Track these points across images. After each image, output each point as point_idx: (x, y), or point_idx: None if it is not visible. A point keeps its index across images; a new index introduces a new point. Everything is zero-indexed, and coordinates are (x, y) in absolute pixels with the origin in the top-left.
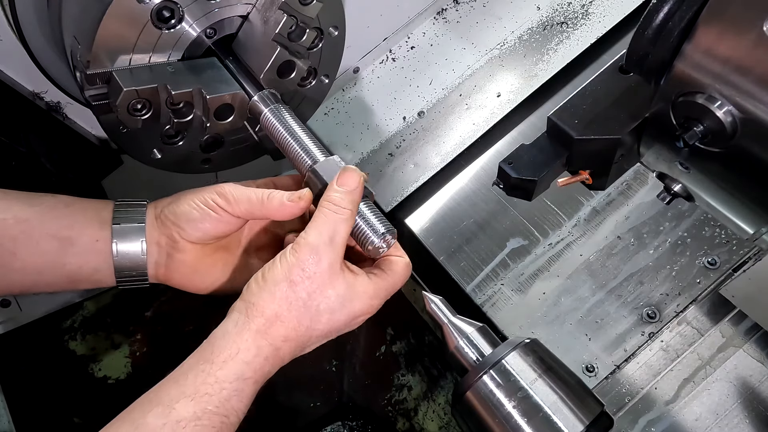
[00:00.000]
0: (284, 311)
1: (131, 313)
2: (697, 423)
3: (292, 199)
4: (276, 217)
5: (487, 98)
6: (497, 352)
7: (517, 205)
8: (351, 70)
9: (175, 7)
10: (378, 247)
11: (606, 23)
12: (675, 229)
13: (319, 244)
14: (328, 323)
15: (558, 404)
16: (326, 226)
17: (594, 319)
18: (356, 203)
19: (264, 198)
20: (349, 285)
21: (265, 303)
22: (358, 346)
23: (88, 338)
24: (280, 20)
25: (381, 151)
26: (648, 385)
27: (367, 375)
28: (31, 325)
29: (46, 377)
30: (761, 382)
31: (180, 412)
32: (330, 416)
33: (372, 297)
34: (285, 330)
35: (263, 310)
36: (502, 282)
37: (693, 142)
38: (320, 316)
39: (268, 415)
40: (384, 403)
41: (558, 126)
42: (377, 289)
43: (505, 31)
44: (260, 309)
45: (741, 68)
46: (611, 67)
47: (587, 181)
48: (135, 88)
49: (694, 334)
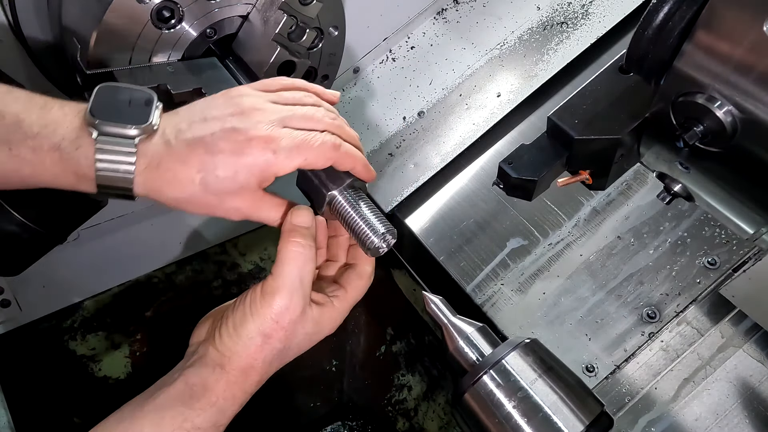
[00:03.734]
0: (258, 364)
1: (131, 313)
2: (697, 423)
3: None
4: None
5: (487, 98)
6: (497, 353)
7: (517, 205)
8: (351, 70)
9: (175, 7)
10: (378, 247)
11: (606, 23)
12: (675, 229)
13: (291, 289)
14: (296, 355)
15: (558, 404)
16: (296, 266)
17: (594, 319)
18: (314, 237)
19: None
20: (317, 320)
21: (239, 359)
22: (358, 346)
23: (88, 338)
24: (280, 20)
25: (381, 151)
26: (648, 385)
27: (367, 375)
28: (31, 325)
29: (46, 377)
30: (761, 382)
31: None
32: (330, 416)
33: (336, 319)
34: (258, 377)
35: (238, 363)
36: (502, 282)
37: (693, 142)
38: (290, 353)
39: (268, 415)
40: (384, 403)
41: (558, 126)
42: (341, 311)
43: (505, 31)
44: (235, 363)
45: (741, 68)
46: (611, 67)
47: (587, 181)
48: None
49: (694, 334)
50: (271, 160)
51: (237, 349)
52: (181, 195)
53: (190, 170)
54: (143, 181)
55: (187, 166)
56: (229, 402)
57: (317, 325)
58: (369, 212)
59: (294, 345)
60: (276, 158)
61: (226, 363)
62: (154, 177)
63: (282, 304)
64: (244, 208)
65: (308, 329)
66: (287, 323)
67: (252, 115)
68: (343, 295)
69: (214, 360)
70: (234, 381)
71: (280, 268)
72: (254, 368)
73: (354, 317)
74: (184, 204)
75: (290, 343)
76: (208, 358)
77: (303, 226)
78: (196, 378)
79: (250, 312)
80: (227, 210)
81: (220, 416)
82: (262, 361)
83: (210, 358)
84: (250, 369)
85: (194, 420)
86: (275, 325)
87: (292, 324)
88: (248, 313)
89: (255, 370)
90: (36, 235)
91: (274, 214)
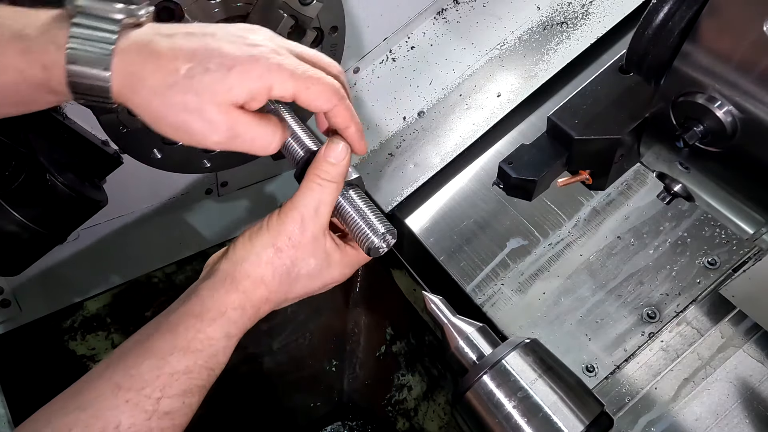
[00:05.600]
0: (268, 276)
1: (131, 313)
2: (697, 423)
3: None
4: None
5: (487, 98)
6: (497, 352)
7: (517, 205)
8: (351, 70)
9: (175, 7)
10: (378, 247)
11: (606, 23)
12: (675, 229)
13: (305, 214)
14: (304, 288)
15: (558, 404)
16: (312, 197)
17: (594, 319)
18: (342, 175)
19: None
20: (328, 254)
21: (251, 266)
22: (358, 346)
23: (88, 338)
24: (280, 20)
25: (381, 151)
26: (648, 385)
27: (367, 375)
28: (31, 325)
29: (46, 377)
30: (761, 382)
31: (173, 365)
32: (330, 416)
33: (345, 266)
34: (267, 292)
35: (249, 272)
36: (502, 282)
37: (693, 142)
38: (299, 281)
39: (269, 415)
40: (384, 403)
41: (558, 126)
42: (351, 260)
43: (505, 31)
44: (246, 272)
45: (741, 68)
46: (611, 67)
47: (587, 181)
48: None
49: (694, 334)
50: (273, 68)
51: (249, 257)
52: (160, 82)
53: (177, 60)
54: (120, 66)
55: (176, 53)
56: (239, 313)
57: (328, 259)
58: (369, 212)
59: (303, 271)
60: (279, 70)
61: (237, 272)
62: (133, 59)
63: (295, 223)
64: (228, 120)
65: (319, 259)
66: (298, 242)
67: (263, 32)
68: (357, 248)
69: (226, 270)
70: (243, 291)
71: (299, 195)
72: (263, 281)
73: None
74: (157, 103)
75: (300, 265)
76: (220, 271)
77: (333, 162)
78: (207, 291)
79: (266, 227)
80: (207, 121)
81: (231, 327)
82: (272, 275)
83: (222, 270)
84: (259, 281)
85: (206, 330)
86: (288, 241)
87: (303, 245)
88: (264, 227)
89: (264, 283)
90: (36, 235)
91: (267, 135)
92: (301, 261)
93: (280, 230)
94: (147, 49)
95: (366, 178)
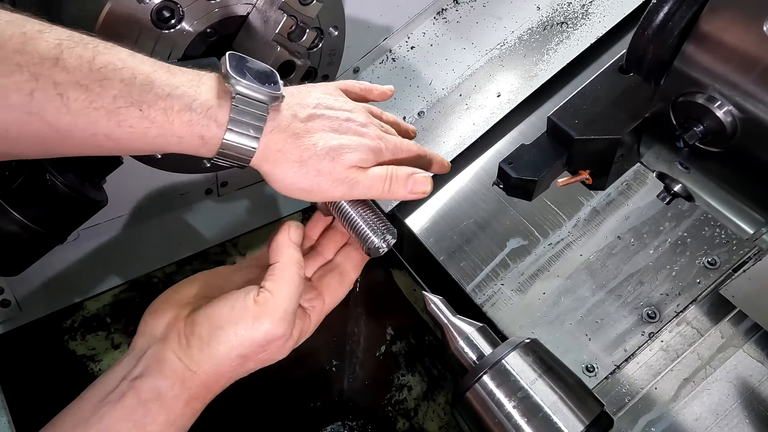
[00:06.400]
0: (224, 380)
1: (131, 313)
2: (697, 423)
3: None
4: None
5: (487, 98)
6: (497, 352)
7: (517, 205)
8: (351, 70)
9: (175, 6)
10: (378, 247)
11: (606, 23)
12: (675, 229)
13: (287, 317)
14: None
15: (558, 404)
16: (294, 290)
17: (594, 319)
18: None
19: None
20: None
21: (207, 375)
22: (358, 346)
23: (88, 338)
24: (280, 20)
25: None
26: (648, 385)
27: (367, 375)
28: (31, 325)
29: (46, 377)
30: (761, 382)
31: None
32: (330, 416)
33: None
34: (220, 389)
35: (204, 380)
36: (502, 282)
37: (693, 142)
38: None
39: (268, 415)
40: (384, 403)
41: (558, 126)
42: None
43: (505, 31)
44: (200, 379)
45: (741, 68)
46: (611, 67)
47: (587, 181)
48: None
49: (694, 334)
50: (381, 149)
51: (206, 367)
52: (297, 157)
53: (314, 138)
54: (263, 144)
55: (312, 135)
56: (188, 417)
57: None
58: (369, 212)
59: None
60: (383, 151)
61: (189, 379)
62: (275, 139)
63: (276, 331)
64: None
65: (284, 348)
66: (271, 348)
67: (361, 114)
68: (320, 307)
69: (175, 372)
70: (195, 396)
71: (279, 281)
72: (219, 384)
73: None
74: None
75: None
76: (167, 369)
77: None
78: (150, 393)
79: (234, 330)
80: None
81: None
82: (229, 378)
83: (169, 369)
84: (215, 384)
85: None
86: (258, 349)
87: (275, 348)
88: (232, 330)
89: (219, 385)
90: (36, 235)
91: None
92: (266, 360)
93: (253, 338)
94: (288, 130)
95: None
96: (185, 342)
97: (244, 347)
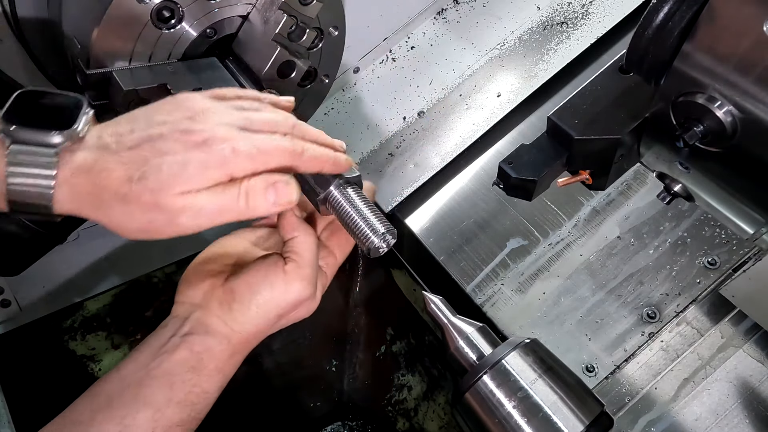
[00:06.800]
0: (263, 335)
1: (131, 313)
2: (697, 423)
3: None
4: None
5: (487, 98)
6: (497, 352)
7: (517, 205)
8: (351, 70)
9: (175, 7)
10: (378, 247)
11: (606, 23)
12: (675, 229)
13: (313, 278)
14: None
15: (558, 404)
16: (314, 251)
17: (594, 319)
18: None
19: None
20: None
21: (249, 333)
22: (358, 346)
23: (88, 338)
24: (280, 20)
25: (381, 151)
26: (648, 385)
27: (367, 375)
28: (31, 325)
29: (46, 377)
30: (761, 382)
31: (169, 417)
32: (330, 416)
33: (325, 287)
34: (258, 342)
35: (246, 337)
36: (502, 282)
37: (693, 142)
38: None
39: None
40: (384, 403)
41: (558, 126)
42: (330, 279)
43: (505, 31)
44: (243, 337)
45: (741, 68)
46: (611, 67)
47: (587, 181)
48: (135, 88)
49: (694, 334)
50: (229, 159)
51: (248, 327)
52: (113, 196)
53: (129, 169)
54: (68, 192)
55: (127, 166)
56: (232, 367)
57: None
58: (368, 212)
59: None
60: (234, 160)
61: (233, 337)
62: (81, 183)
63: (305, 292)
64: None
65: (311, 306)
66: (302, 307)
67: (207, 117)
68: (333, 262)
69: (221, 332)
70: (239, 351)
71: (301, 251)
72: (257, 338)
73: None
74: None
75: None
76: (214, 329)
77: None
78: (202, 347)
79: (271, 295)
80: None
81: (225, 380)
82: (266, 333)
83: (216, 329)
84: (254, 339)
85: (203, 385)
86: (291, 308)
87: (304, 308)
88: (269, 295)
89: (257, 339)
90: (36, 235)
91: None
92: (297, 316)
93: (288, 299)
94: (95, 170)
95: (366, 179)
96: (227, 307)
97: (279, 308)
